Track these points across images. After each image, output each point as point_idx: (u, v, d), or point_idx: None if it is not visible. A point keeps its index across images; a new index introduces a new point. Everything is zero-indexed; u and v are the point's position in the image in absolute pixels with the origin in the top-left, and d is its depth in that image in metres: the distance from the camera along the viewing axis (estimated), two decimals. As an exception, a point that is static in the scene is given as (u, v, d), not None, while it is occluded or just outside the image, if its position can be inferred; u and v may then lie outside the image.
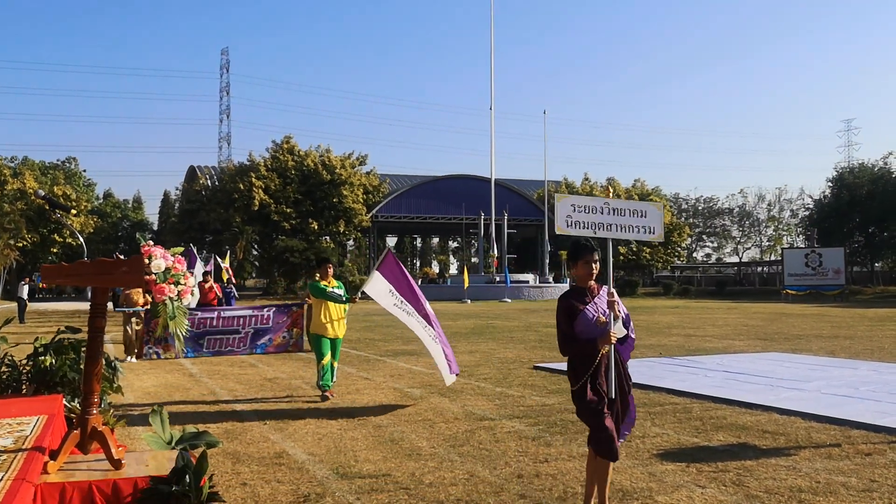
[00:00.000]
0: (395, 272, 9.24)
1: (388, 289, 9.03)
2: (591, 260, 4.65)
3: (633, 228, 5.46)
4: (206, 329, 14.20)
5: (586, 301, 4.64)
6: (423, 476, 5.70)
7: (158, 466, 3.48)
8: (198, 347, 14.05)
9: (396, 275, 9.23)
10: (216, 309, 15.17)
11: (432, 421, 7.89)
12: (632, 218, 5.45)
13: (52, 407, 4.06)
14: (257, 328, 14.62)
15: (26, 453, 3.15)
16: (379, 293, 8.99)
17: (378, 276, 9.13)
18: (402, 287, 9.16)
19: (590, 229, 5.22)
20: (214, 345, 14.23)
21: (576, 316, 4.57)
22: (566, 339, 4.60)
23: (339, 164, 59.76)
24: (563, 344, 4.65)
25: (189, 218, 60.75)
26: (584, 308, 4.59)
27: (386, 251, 9.58)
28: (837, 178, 64.94)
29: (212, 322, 14.32)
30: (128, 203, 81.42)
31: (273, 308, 15.12)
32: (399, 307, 9.00)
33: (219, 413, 8.54)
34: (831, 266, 48.95)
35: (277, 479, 5.64)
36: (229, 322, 14.50)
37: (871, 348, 15.23)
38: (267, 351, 14.55)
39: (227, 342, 14.26)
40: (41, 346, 4.94)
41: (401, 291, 9.11)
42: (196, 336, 14.02)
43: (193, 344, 13.98)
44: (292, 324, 15.03)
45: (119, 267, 3.50)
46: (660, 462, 6.10)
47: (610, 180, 73.89)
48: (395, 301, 9.01)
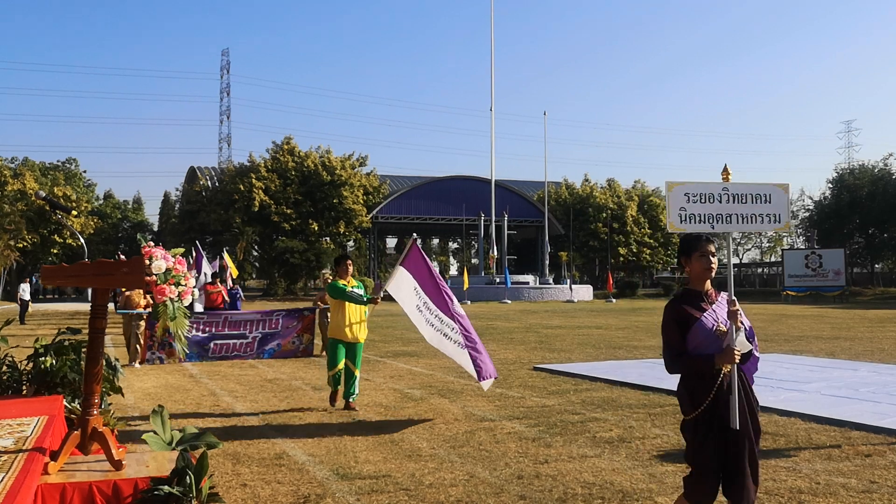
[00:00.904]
0: (421, 267, 8.40)
1: (413, 286, 8.23)
2: (707, 252, 3.79)
3: (756, 218, 4.74)
4: (211, 333, 13.67)
5: (703, 307, 3.76)
6: (423, 477, 5.70)
7: (159, 467, 3.48)
8: (203, 352, 13.53)
9: (422, 270, 8.39)
10: (223, 313, 14.78)
11: (432, 422, 7.90)
12: (754, 205, 4.72)
13: (52, 408, 4.06)
14: (265, 333, 14.08)
15: (27, 454, 3.15)
16: (403, 292, 8.19)
17: (403, 273, 8.28)
18: (427, 285, 8.31)
19: (707, 224, 4.58)
20: (220, 350, 13.70)
21: (690, 325, 3.71)
22: (676, 354, 3.74)
23: (340, 165, 59.78)
24: (670, 361, 3.78)
25: (189, 219, 60.77)
26: (701, 316, 3.73)
27: (411, 242, 8.64)
28: (837, 180, 64.91)
29: (218, 326, 13.79)
30: (128, 204, 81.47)
31: (283, 313, 14.59)
32: (422, 311, 8.17)
33: (219, 414, 8.54)
34: (831, 267, 48.91)
35: (278, 479, 5.64)
36: (236, 326, 13.94)
37: (871, 349, 15.23)
38: (275, 356, 14.07)
39: (233, 347, 13.76)
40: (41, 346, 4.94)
41: (427, 290, 8.27)
42: (201, 340, 13.50)
43: (199, 349, 13.43)
44: (303, 329, 14.44)
45: (120, 268, 3.51)
46: (660, 463, 6.10)
47: (610, 181, 73.92)
48: (419, 302, 8.19)
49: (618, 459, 6.20)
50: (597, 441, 6.92)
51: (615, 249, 67.09)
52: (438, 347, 8.15)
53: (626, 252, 68.30)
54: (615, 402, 9.05)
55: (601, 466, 5.97)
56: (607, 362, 13.06)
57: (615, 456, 6.33)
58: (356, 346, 8.73)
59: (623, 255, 68.03)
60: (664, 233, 70.52)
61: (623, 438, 7.02)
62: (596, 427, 7.56)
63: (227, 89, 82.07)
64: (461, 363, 8.14)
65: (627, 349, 15.25)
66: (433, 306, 8.21)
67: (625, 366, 12.52)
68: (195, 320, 13.31)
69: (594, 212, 67.58)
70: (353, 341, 8.68)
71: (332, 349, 8.73)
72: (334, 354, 8.67)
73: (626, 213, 68.61)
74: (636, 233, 69.12)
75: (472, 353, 8.09)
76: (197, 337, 13.31)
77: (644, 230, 69.74)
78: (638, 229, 69.29)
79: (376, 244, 69.77)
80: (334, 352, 8.68)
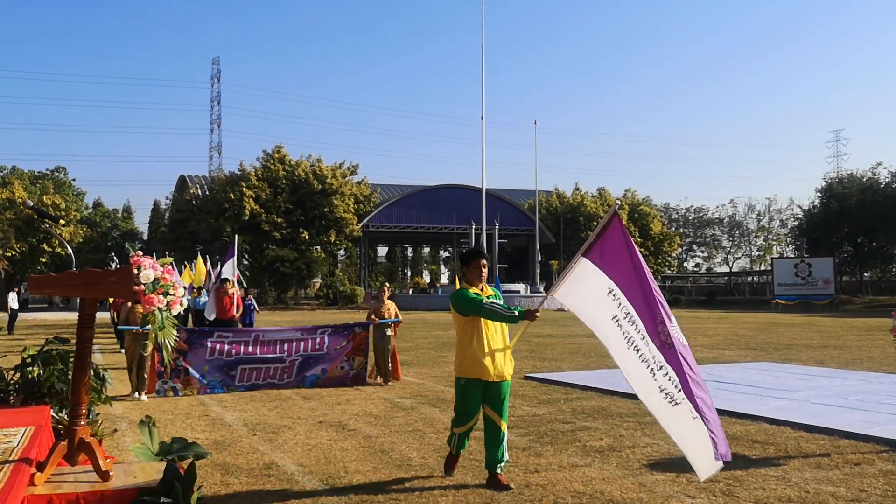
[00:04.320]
0: (620, 256, 5.16)
1: (606, 289, 5.08)
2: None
3: None
4: (239, 356, 10.99)
5: None
6: (413, 487, 5.69)
7: (147, 478, 3.47)
8: (228, 380, 10.91)
9: (622, 260, 5.14)
10: (252, 330, 11.96)
11: (422, 431, 7.88)
12: None
13: (39, 418, 4.03)
14: (307, 355, 11.38)
15: (13, 465, 3.13)
16: (587, 298, 5.17)
17: (589, 268, 5.18)
18: (629, 285, 5.06)
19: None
20: (250, 376, 11.06)
21: None
22: None
23: (330, 174, 59.77)
24: None
25: (179, 227, 60.57)
26: None
27: (612, 211, 5.31)
28: (826, 189, 65.32)
29: (247, 346, 11.10)
30: (117, 213, 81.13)
31: (328, 329, 11.82)
32: (621, 325, 4.98)
33: (208, 424, 8.50)
34: (821, 276, 49.18)
35: (267, 490, 5.62)
36: (270, 347, 11.23)
37: (860, 358, 15.29)
38: (318, 384, 11.34)
39: (266, 373, 11.12)
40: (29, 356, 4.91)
41: (629, 294, 5.04)
42: (225, 365, 10.90)
43: (223, 375, 10.88)
44: (353, 350, 11.72)
45: (107, 277, 3.50)
46: (650, 472, 6.10)
47: (601, 190, 74.16)
48: (618, 312, 5.02)
49: (608, 468, 6.20)
50: (587, 450, 6.91)
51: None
52: (652, 411, 4.93)
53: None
54: (606, 410, 9.05)
55: (591, 476, 5.97)
56: (598, 371, 13.07)
57: (605, 465, 6.33)
58: (500, 386, 5.79)
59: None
60: (654, 241, 70.80)
61: (613, 447, 7.03)
62: (586, 436, 7.56)
63: (217, 98, 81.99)
64: (683, 437, 4.82)
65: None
66: (640, 323, 4.97)
67: (615, 375, 12.45)
68: (217, 339, 10.99)
69: (585, 220, 67.70)
70: (496, 379, 5.75)
71: (463, 392, 5.88)
72: (466, 400, 5.85)
73: (616, 222, 68.70)
74: (626, 242, 69.27)
75: (706, 414, 4.73)
76: (219, 360, 10.86)
77: (634, 239, 69.07)
78: (628, 238, 69.45)
79: (367, 253, 69.66)
80: (466, 397, 5.85)
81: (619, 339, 4.96)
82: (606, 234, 5.23)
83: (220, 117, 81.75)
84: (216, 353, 10.82)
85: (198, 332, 11.33)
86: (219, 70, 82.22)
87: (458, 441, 5.93)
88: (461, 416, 5.88)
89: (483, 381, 5.72)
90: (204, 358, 10.79)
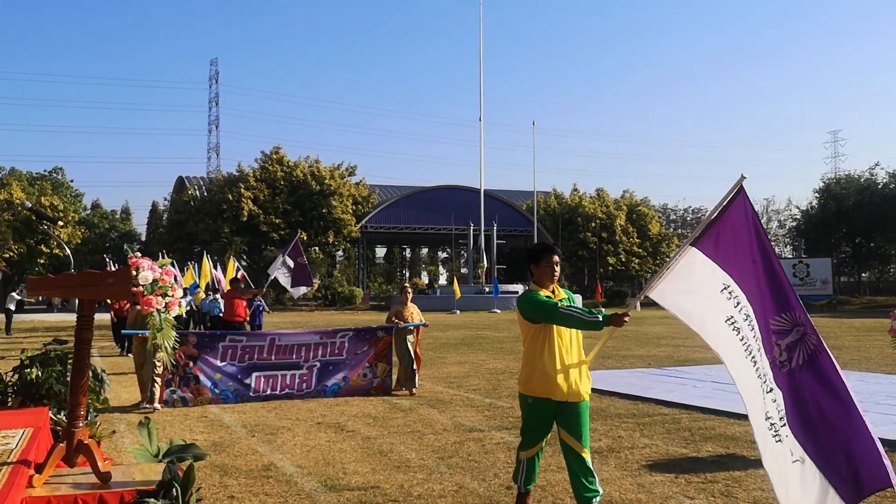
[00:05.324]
0: (743, 245, 4.19)
1: (721, 285, 4.09)
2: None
3: None
4: (252, 362, 10.27)
5: None
6: (411, 488, 5.69)
7: (145, 479, 3.46)
8: (242, 389, 10.15)
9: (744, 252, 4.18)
10: (267, 334, 10.86)
11: (421, 432, 7.88)
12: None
13: (37, 420, 4.03)
14: (327, 361, 10.62)
15: (11, 467, 3.12)
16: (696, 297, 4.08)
17: (699, 260, 4.13)
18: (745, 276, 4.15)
19: None
20: (266, 385, 10.29)
21: None
22: None
23: (329, 175, 59.82)
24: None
25: (177, 228, 60.54)
26: None
27: (736, 185, 4.16)
28: (824, 189, 65.42)
29: (261, 352, 10.36)
30: (116, 214, 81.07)
31: (349, 333, 11.01)
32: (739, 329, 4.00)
33: (207, 425, 8.49)
34: (819, 276, 49.27)
35: (265, 492, 5.61)
36: (287, 352, 10.46)
37: (858, 358, 15.31)
38: (340, 394, 10.55)
39: (283, 381, 10.38)
40: (27, 358, 4.91)
41: (745, 287, 4.12)
42: (239, 372, 10.19)
43: (236, 384, 10.15)
44: (377, 356, 10.92)
45: (106, 279, 3.49)
46: (649, 473, 6.10)
47: (599, 191, 74.21)
48: (735, 314, 4.04)
49: (607, 469, 6.21)
50: (586, 451, 6.91)
51: (604, 259, 67.27)
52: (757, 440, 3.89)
53: (614, 261, 68.45)
54: (604, 411, 9.06)
55: (590, 476, 5.96)
56: (596, 372, 13.08)
57: (604, 466, 6.33)
58: (578, 407, 4.75)
59: (612, 264, 68.16)
60: (652, 242, 70.86)
61: (612, 448, 7.03)
62: (585, 437, 7.55)
63: (215, 99, 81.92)
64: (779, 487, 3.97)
65: (616, 358, 15.26)
66: (756, 325, 4.09)
67: (614, 375, 12.54)
68: (229, 344, 10.26)
69: (583, 221, 67.76)
70: (572, 399, 4.73)
71: (532, 412, 4.85)
72: (535, 421, 4.86)
73: (614, 223, 68.82)
74: (625, 242, 69.33)
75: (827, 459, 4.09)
76: (231, 367, 10.17)
77: (633, 239, 69.95)
78: (626, 239, 69.50)
79: (365, 254, 69.69)
80: (535, 418, 4.85)
81: (735, 347, 3.94)
82: (726, 216, 4.13)
83: (218, 118, 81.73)
84: (228, 358, 10.14)
85: (209, 336, 10.58)
86: (217, 71, 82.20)
87: (527, 474, 4.92)
88: (528, 438, 4.91)
89: (554, 400, 4.71)
90: (216, 364, 10.06)
